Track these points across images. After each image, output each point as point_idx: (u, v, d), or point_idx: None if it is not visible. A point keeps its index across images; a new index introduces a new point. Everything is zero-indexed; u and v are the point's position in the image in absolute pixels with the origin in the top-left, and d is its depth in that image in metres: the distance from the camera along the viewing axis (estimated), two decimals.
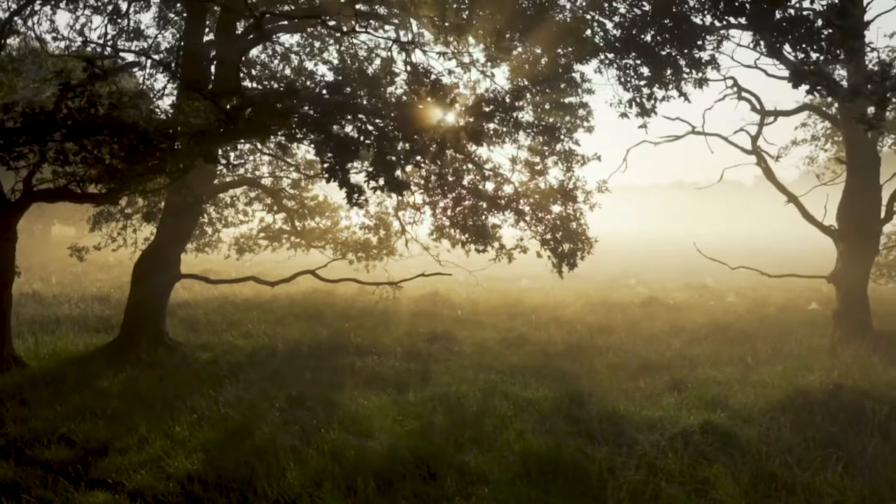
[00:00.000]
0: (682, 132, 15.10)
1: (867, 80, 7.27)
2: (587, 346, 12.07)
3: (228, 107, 5.74)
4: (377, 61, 15.06)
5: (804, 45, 6.81)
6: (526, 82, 11.55)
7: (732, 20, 7.10)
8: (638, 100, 8.56)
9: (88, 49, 13.64)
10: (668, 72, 8.03)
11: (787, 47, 6.87)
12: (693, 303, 17.33)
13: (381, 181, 6.24)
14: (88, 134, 6.90)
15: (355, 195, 6.00)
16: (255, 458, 6.40)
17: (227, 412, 7.87)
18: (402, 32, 14.62)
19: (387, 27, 14.97)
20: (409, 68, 13.04)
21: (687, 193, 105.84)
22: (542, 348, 12.33)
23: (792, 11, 6.70)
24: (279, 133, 6.72)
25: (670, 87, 8.06)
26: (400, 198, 14.16)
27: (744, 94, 14.42)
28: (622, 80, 8.72)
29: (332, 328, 14.43)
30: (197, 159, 6.38)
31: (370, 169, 6.18)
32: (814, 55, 6.88)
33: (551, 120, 13.11)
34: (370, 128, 6.49)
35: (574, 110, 13.59)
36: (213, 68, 11.59)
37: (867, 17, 12.62)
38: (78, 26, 14.22)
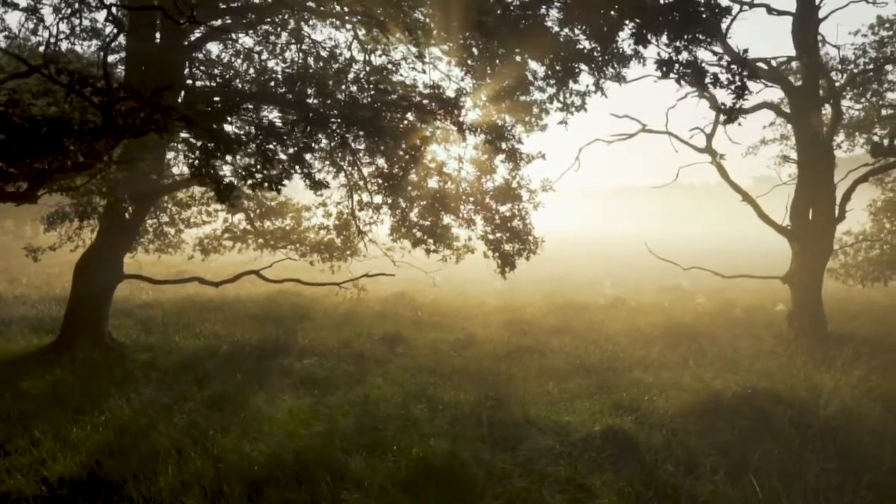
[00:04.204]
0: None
1: (727, 69, 7.04)
2: (534, 348, 11.87)
3: (98, 102, 5.61)
4: (337, 62, 14.96)
5: (671, 35, 6.58)
6: (475, 79, 11.40)
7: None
8: (561, 97, 8.36)
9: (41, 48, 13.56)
10: (589, 66, 7.82)
11: (657, 37, 6.64)
12: (659, 305, 17.04)
13: (259, 177, 6.12)
14: None
15: (226, 192, 5.87)
16: (139, 462, 6.27)
17: (131, 414, 7.74)
18: (360, 32, 14.54)
19: (347, 26, 14.90)
20: (368, 68, 12.97)
21: (685, 194, 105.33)
22: (490, 350, 12.14)
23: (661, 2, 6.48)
24: (176, 129, 6.59)
25: (586, 82, 7.85)
26: (358, 197, 14.10)
27: (704, 92, 14.20)
28: (546, 74, 8.51)
29: (285, 329, 14.29)
30: (79, 157, 6.27)
31: (248, 165, 6.05)
32: (681, 44, 6.66)
33: (505, 117, 12.96)
34: (264, 122, 6.36)
35: (529, 108, 13.43)
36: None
37: (822, 13, 12.41)
38: (30, 25, 14.15)
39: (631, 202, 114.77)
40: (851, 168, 12.68)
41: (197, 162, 5.88)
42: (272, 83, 11.71)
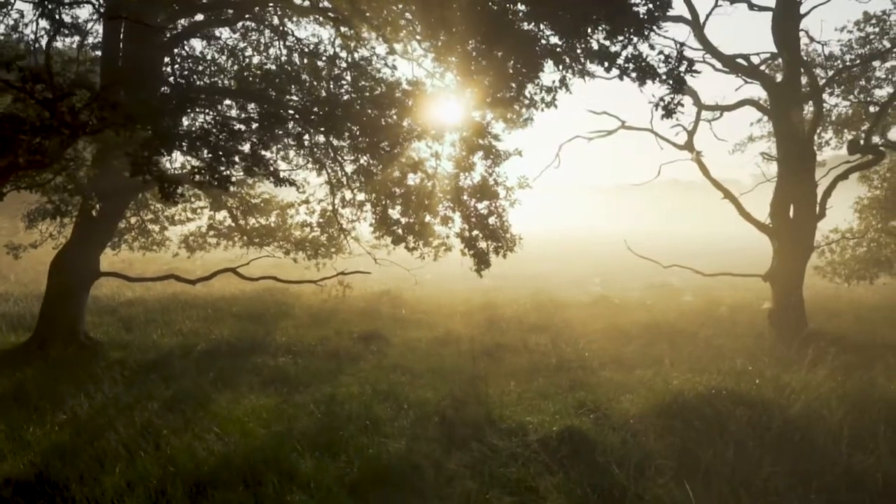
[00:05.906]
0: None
1: (665, 61, 6.90)
2: (510, 346, 11.80)
3: (42, 99, 5.54)
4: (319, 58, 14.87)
5: (611, 28, 6.47)
6: (459, 76, 11.31)
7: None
8: (527, 92, 8.26)
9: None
10: (554, 61, 7.70)
11: (595, 30, 6.54)
12: (642, 303, 16.93)
13: (208, 176, 6.04)
14: None
15: (170, 190, 5.79)
16: (89, 462, 6.22)
17: (92, 414, 7.69)
18: (343, 29, 14.44)
19: (331, 23, 14.79)
20: (344, 64, 12.88)
21: (685, 193, 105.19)
22: (467, 348, 12.07)
23: None
24: (130, 126, 6.52)
25: (553, 78, 7.74)
26: (341, 195, 14.07)
27: (686, 88, 14.06)
28: (514, 70, 8.39)
29: (266, 327, 14.23)
30: (27, 156, 6.20)
31: (201, 163, 5.98)
32: (624, 37, 6.54)
33: (487, 114, 12.86)
34: (219, 119, 6.28)
35: (510, 104, 13.31)
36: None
37: (803, 8, 12.28)
38: (10, 21, 14.09)
39: (631, 200, 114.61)
40: (841, 165, 12.53)
41: (139, 159, 5.81)
42: (250, 79, 11.64)
